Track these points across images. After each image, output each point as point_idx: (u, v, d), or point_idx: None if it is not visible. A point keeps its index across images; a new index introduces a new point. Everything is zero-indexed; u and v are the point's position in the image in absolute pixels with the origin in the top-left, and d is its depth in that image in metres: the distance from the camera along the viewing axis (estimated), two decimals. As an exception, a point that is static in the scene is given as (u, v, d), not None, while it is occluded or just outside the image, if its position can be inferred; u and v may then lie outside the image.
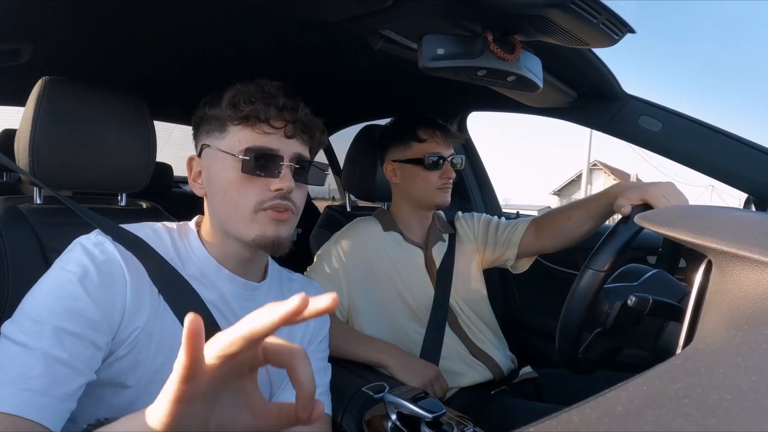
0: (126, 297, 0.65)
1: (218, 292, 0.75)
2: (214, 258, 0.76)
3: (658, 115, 1.26)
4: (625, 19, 0.77)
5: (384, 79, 1.50)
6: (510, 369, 1.32)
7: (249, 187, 0.72)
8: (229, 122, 0.73)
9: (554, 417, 0.25)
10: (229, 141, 0.73)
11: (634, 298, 0.77)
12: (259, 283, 0.80)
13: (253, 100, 0.72)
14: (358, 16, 0.89)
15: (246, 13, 1.02)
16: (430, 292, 1.29)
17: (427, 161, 1.27)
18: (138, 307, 0.66)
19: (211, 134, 0.75)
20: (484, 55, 0.83)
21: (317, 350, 0.88)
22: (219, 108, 0.74)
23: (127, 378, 0.66)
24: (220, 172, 0.73)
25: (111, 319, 0.64)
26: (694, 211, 0.55)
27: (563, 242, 1.27)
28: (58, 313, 0.59)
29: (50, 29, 1.06)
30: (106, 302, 0.63)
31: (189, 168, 0.79)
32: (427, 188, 1.29)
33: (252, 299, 0.78)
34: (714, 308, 0.42)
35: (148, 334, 0.67)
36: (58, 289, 0.62)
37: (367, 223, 1.35)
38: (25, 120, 0.90)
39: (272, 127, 0.73)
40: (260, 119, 0.72)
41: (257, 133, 0.72)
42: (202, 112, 0.77)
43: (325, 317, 0.90)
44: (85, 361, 0.60)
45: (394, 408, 0.82)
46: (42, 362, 0.56)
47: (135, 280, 0.66)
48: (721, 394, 0.25)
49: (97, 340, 0.62)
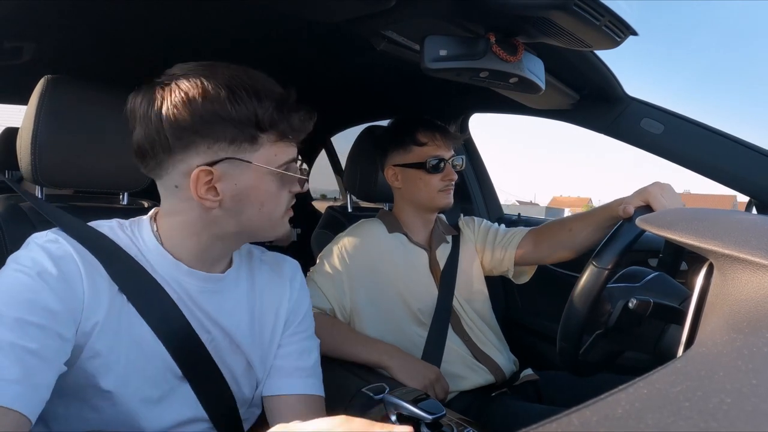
0: (84, 291, 0.64)
1: (181, 287, 0.73)
2: (171, 253, 0.73)
3: (660, 117, 1.26)
4: (627, 21, 0.77)
5: (386, 80, 1.50)
6: (512, 372, 1.32)
7: (283, 196, 0.75)
8: (263, 135, 0.71)
9: (554, 419, 0.25)
10: (264, 155, 0.71)
11: (636, 301, 0.76)
12: (223, 274, 0.78)
13: (289, 119, 0.72)
14: (360, 17, 0.89)
15: (249, 13, 1.02)
16: (434, 295, 1.29)
17: (429, 165, 1.27)
18: (96, 302, 0.65)
19: (240, 146, 0.70)
20: (486, 56, 0.83)
21: (297, 332, 0.86)
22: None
23: (103, 378, 0.65)
24: (259, 186, 0.71)
25: (73, 310, 0.63)
26: (695, 214, 0.55)
27: (562, 253, 1.26)
28: (19, 307, 0.59)
29: (53, 28, 1.07)
30: (66, 294, 0.63)
31: (195, 183, 0.68)
32: (429, 191, 1.29)
33: (218, 292, 0.77)
34: (715, 311, 0.41)
35: (113, 332, 0.66)
36: (17, 285, 0.61)
37: (372, 224, 1.35)
38: (27, 118, 0.90)
39: (296, 142, 0.76)
40: (287, 136, 0.73)
41: (288, 145, 0.74)
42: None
43: (302, 298, 0.88)
44: (54, 352, 0.60)
45: (394, 409, 0.82)
46: (11, 353, 0.56)
47: (90, 276, 0.65)
48: (721, 398, 0.25)
49: (61, 331, 0.61)
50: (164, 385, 0.71)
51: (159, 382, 0.70)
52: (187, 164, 0.69)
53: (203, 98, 0.66)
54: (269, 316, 0.83)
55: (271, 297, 0.84)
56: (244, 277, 0.83)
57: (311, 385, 0.84)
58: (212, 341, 0.75)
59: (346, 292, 1.23)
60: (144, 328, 0.68)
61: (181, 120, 0.66)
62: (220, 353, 0.76)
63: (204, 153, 0.68)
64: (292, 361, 0.83)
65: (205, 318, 0.75)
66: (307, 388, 0.83)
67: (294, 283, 0.88)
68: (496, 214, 2.01)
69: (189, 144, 0.67)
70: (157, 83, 0.69)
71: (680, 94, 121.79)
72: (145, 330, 0.68)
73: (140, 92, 0.70)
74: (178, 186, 0.71)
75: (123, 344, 0.67)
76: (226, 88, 0.67)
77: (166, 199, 0.74)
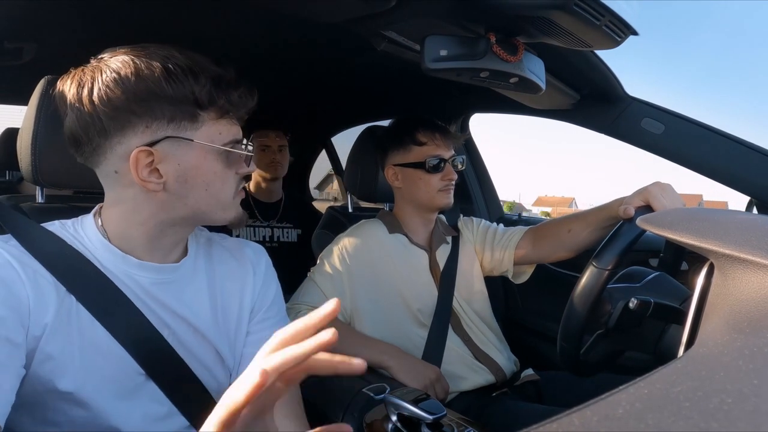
0: (27, 295, 0.63)
1: (133, 281, 0.71)
2: (118, 247, 0.71)
3: (660, 117, 1.26)
4: (627, 21, 0.77)
5: (386, 81, 1.50)
6: (512, 372, 1.32)
7: (230, 176, 0.73)
8: (202, 112, 0.70)
9: (555, 419, 0.25)
10: (206, 133, 0.70)
11: (636, 301, 0.76)
12: (178, 264, 0.76)
13: (227, 93, 0.70)
14: (361, 17, 0.89)
15: (249, 13, 1.02)
16: (434, 295, 1.29)
17: (428, 164, 1.27)
18: (41, 305, 0.64)
19: (180, 124, 0.68)
20: (486, 56, 0.83)
21: (265, 318, 0.83)
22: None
23: (60, 381, 0.64)
24: (203, 165, 0.70)
25: (20, 314, 0.61)
26: (696, 214, 0.55)
27: (561, 253, 1.26)
28: None
29: (53, 28, 1.07)
30: (9, 299, 0.61)
31: (135, 164, 0.66)
32: (429, 191, 1.29)
33: (174, 282, 0.75)
34: (715, 311, 0.41)
35: (65, 334, 0.65)
36: None
37: (372, 225, 1.35)
38: (27, 119, 0.90)
39: (239, 119, 0.74)
40: (228, 112, 0.72)
41: (230, 123, 0.73)
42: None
43: (267, 283, 0.86)
44: (6, 357, 0.59)
45: (394, 409, 0.82)
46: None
47: (32, 279, 0.64)
48: (722, 398, 0.25)
49: (11, 335, 0.60)
50: (128, 383, 0.69)
51: (121, 380, 0.68)
52: (126, 146, 0.66)
53: (136, 76, 0.64)
54: (233, 303, 0.80)
55: (234, 283, 0.82)
56: (203, 265, 0.80)
57: None
58: (173, 335, 0.73)
59: (347, 292, 1.23)
60: (98, 328, 0.67)
61: (115, 99, 0.64)
62: (185, 345, 0.74)
63: (142, 133, 0.66)
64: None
65: (163, 311, 0.73)
66: None
67: (258, 268, 0.85)
68: (496, 214, 2.01)
69: (125, 124, 0.65)
70: (86, 66, 0.68)
71: (681, 94, 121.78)
72: (99, 330, 0.67)
73: (68, 76, 0.69)
74: (117, 171, 0.68)
75: (76, 345, 0.65)
76: (160, 66, 0.65)
77: (108, 189, 0.72)
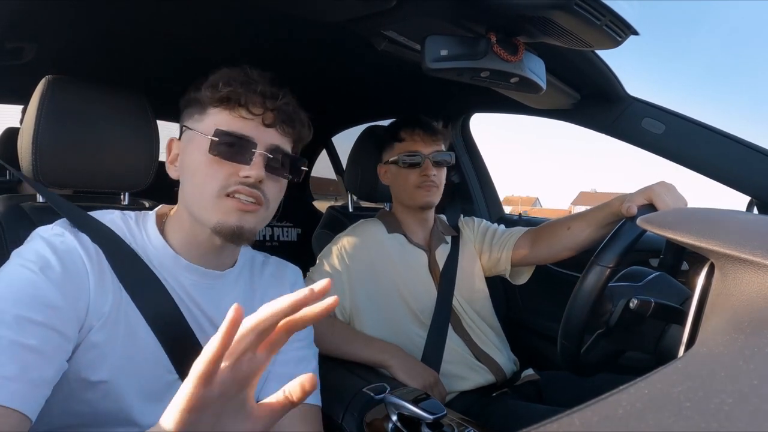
0: (89, 286, 0.64)
1: (177, 282, 0.73)
2: (173, 247, 0.74)
3: (661, 117, 1.26)
4: (628, 21, 0.77)
5: (387, 80, 1.50)
6: (512, 371, 1.32)
7: (217, 171, 0.70)
8: (209, 105, 0.72)
9: (555, 419, 0.25)
10: (207, 123, 0.71)
11: (637, 301, 0.76)
12: (222, 272, 0.77)
13: (233, 82, 0.70)
14: (361, 17, 0.89)
15: (249, 13, 1.02)
16: (433, 295, 1.29)
17: (401, 160, 1.28)
18: (102, 296, 0.65)
19: (192, 116, 0.73)
20: (487, 56, 0.83)
21: (295, 339, 0.83)
22: (201, 90, 0.72)
23: (98, 370, 0.64)
24: (193, 153, 0.72)
25: (76, 308, 0.62)
26: (696, 214, 0.55)
27: (560, 253, 1.25)
28: (20, 303, 0.58)
29: (54, 28, 1.07)
30: (70, 291, 0.62)
31: (168, 150, 0.76)
32: (407, 187, 1.29)
33: (214, 288, 0.76)
34: (716, 311, 0.41)
35: (113, 323, 0.66)
36: (19, 280, 0.60)
37: (371, 224, 1.35)
38: (28, 119, 0.90)
39: (250, 113, 0.71)
40: (239, 103, 0.70)
41: (234, 117, 0.71)
42: (188, 96, 0.75)
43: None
44: (54, 348, 0.59)
45: (395, 409, 0.82)
46: (9, 350, 0.55)
47: (96, 270, 0.65)
48: (722, 398, 0.25)
49: (63, 329, 0.60)
50: (157, 383, 0.70)
51: (152, 379, 0.69)
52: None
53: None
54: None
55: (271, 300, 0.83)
56: (246, 278, 0.82)
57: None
58: (206, 339, 0.74)
59: (346, 292, 1.23)
60: (140, 320, 0.68)
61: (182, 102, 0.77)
62: None
63: (180, 127, 0.78)
64: (290, 369, 0.82)
65: (200, 314, 0.74)
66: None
67: (295, 289, 0.87)
68: (497, 215, 2.01)
69: (180, 122, 0.77)
70: None
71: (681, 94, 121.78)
72: (141, 322, 0.68)
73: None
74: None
75: (120, 337, 0.66)
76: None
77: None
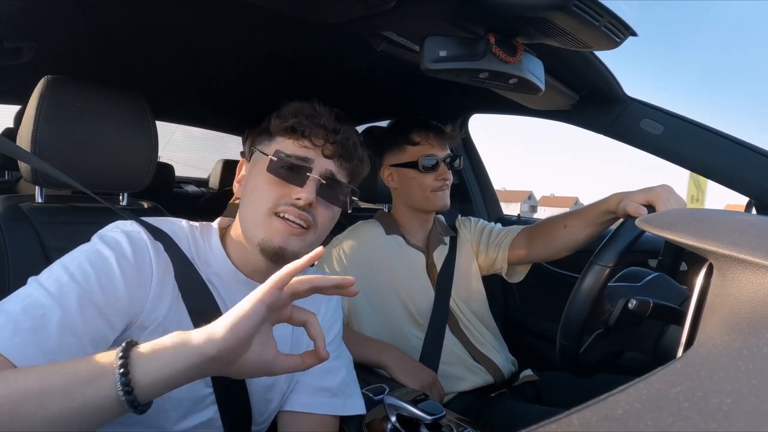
0: (151, 287, 0.67)
1: (232, 296, 0.74)
2: (233, 262, 0.76)
3: (659, 118, 1.26)
4: (627, 22, 0.77)
5: (385, 81, 1.50)
6: (511, 372, 1.32)
7: (271, 190, 0.73)
8: (276, 133, 0.77)
9: (554, 420, 0.25)
10: (271, 148, 0.76)
11: (635, 301, 0.76)
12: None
13: (299, 114, 0.75)
14: (360, 17, 0.89)
15: (248, 14, 1.02)
16: (431, 296, 1.29)
17: (422, 164, 1.27)
18: (159, 299, 0.68)
19: (262, 142, 0.79)
20: (486, 57, 0.83)
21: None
22: (272, 120, 0.79)
23: None
24: (255, 174, 0.77)
25: (134, 302, 0.65)
26: (695, 215, 0.55)
27: (557, 251, 1.25)
28: (89, 281, 0.61)
29: (53, 28, 1.07)
30: (135, 285, 0.65)
31: (238, 170, 0.83)
32: (423, 191, 1.28)
33: None
34: (715, 312, 0.41)
35: (164, 331, 0.66)
36: (97, 260, 0.64)
37: (369, 226, 1.35)
38: (26, 119, 0.90)
39: (312, 143, 0.75)
40: (303, 134, 0.75)
41: (297, 145, 0.75)
42: (263, 124, 0.81)
43: (334, 320, 0.90)
44: (94, 339, 0.60)
45: (393, 410, 0.82)
46: (58, 328, 0.56)
47: (161, 274, 0.68)
48: (721, 398, 0.25)
49: (115, 319, 0.63)
50: (191, 398, 0.71)
51: (187, 394, 0.70)
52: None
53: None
54: (303, 336, 0.83)
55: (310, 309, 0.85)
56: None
57: (334, 405, 0.83)
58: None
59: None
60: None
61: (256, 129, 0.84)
62: None
63: (250, 149, 0.82)
64: (315, 380, 0.83)
65: None
66: (327, 409, 0.83)
67: (330, 303, 0.90)
68: (495, 215, 2.01)
69: (250, 145, 0.82)
70: None
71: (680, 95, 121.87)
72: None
73: None
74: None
75: None
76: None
77: None
